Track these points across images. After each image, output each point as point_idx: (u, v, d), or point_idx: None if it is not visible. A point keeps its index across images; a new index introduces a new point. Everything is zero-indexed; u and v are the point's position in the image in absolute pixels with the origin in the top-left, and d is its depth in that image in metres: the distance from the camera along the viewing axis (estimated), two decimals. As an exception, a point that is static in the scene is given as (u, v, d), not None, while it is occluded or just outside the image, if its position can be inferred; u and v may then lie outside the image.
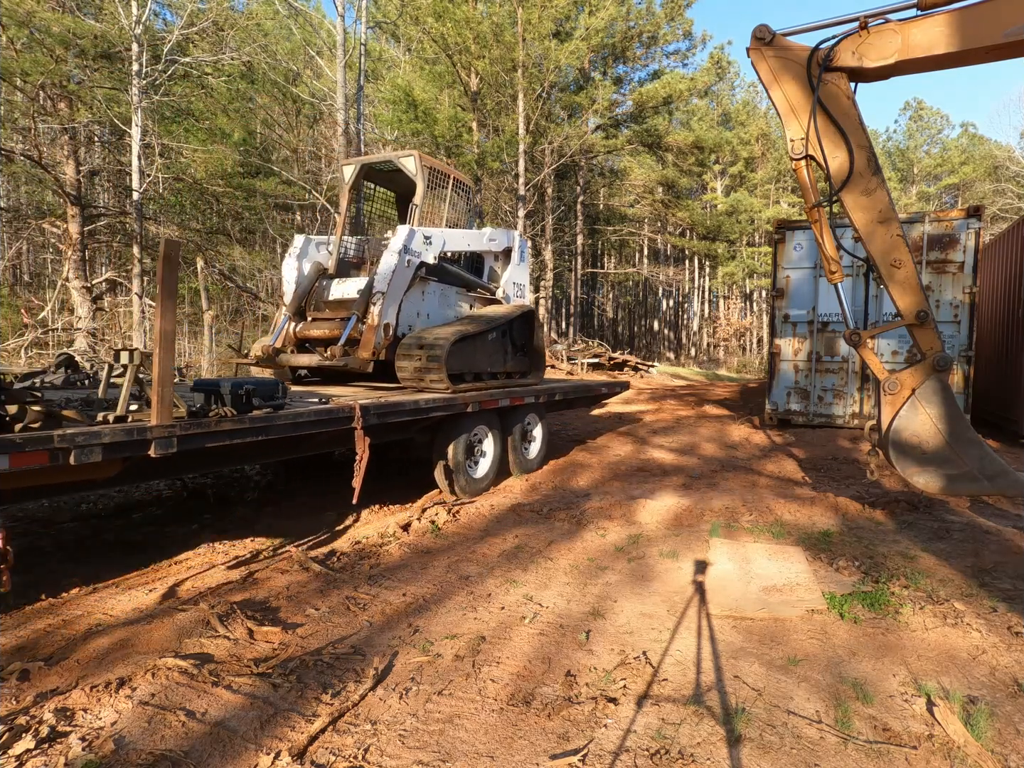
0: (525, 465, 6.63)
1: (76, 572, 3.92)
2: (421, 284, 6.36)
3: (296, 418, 3.88)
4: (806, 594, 3.70)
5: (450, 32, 17.89)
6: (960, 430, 4.36)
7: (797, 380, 9.81)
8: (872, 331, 4.84)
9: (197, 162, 17.71)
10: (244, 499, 5.76)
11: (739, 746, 2.34)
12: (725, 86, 39.19)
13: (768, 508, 5.53)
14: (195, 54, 16.30)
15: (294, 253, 6.48)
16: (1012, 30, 3.87)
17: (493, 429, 6.10)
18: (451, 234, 6.71)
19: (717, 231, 32.12)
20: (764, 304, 37.85)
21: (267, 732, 2.36)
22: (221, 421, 3.44)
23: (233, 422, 3.49)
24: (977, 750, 2.30)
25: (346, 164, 7.05)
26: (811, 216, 4.66)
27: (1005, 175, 35.73)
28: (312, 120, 23.04)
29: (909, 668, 2.92)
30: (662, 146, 24.93)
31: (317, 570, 3.98)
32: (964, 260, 8.80)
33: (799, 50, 4.48)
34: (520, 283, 8.05)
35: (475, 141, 20.40)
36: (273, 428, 3.73)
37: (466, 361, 6.02)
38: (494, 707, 2.56)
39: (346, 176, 6.96)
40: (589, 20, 19.84)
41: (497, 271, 7.83)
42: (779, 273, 9.87)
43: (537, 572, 4.10)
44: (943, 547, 4.58)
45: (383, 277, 5.81)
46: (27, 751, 2.19)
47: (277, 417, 3.75)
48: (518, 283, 8.00)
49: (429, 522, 5.01)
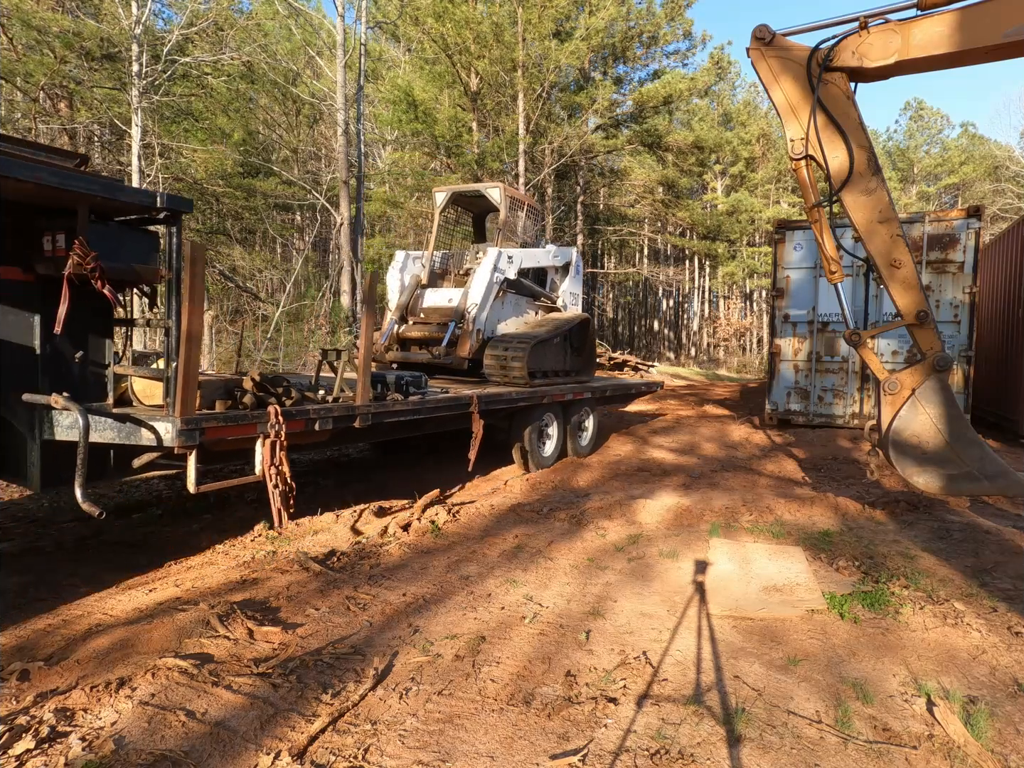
0: (579, 450, 7.64)
1: (76, 572, 3.92)
2: (502, 295, 7.48)
3: (438, 403, 5.20)
4: (806, 594, 3.70)
5: (450, 32, 17.88)
6: (960, 430, 4.36)
7: (797, 380, 9.81)
8: (872, 331, 4.84)
9: (197, 162, 17.71)
10: (244, 499, 5.76)
11: (739, 746, 2.34)
12: (726, 86, 39.13)
13: (768, 508, 5.53)
14: (195, 54, 16.30)
15: (396, 267, 7.73)
16: (1012, 30, 3.87)
17: (557, 418, 7.18)
18: (527, 253, 7.91)
19: (717, 231, 32.09)
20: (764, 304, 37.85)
21: (267, 732, 2.36)
22: (395, 403, 4.80)
23: (402, 404, 4.84)
24: (977, 750, 2.30)
25: (438, 191, 8.26)
26: (811, 216, 4.66)
27: (1005, 175, 35.72)
28: (312, 120, 23.06)
29: (909, 668, 2.92)
30: (662, 146, 24.90)
31: (317, 570, 3.98)
32: (964, 260, 8.80)
33: (799, 50, 4.47)
34: (575, 293, 9.13)
35: (475, 141, 20.39)
36: (423, 409, 5.04)
37: (539, 361, 7.06)
38: (494, 707, 2.56)
39: (438, 201, 8.16)
40: (589, 20, 19.82)
41: (557, 283, 8.94)
42: (779, 273, 9.87)
43: (537, 572, 4.10)
44: (943, 547, 4.58)
45: (477, 291, 7.02)
46: (27, 751, 2.19)
47: (426, 401, 5.07)
48: (574, 293, 9.09)
49: (429, 522, 5.01)
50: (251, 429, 3.68)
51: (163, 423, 3.29)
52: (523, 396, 6.31)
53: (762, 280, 33.91)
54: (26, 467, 3.42)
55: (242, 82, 19.18)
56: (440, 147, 21.02)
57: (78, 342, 3.55)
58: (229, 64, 17.19)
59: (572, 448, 7.49)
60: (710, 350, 36.36)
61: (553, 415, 7.07)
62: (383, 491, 6.03)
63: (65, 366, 3.51)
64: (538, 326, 7.64)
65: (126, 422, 3.35)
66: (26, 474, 3.44)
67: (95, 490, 5.69)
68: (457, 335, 6.98)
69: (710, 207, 35.27)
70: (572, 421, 7.45)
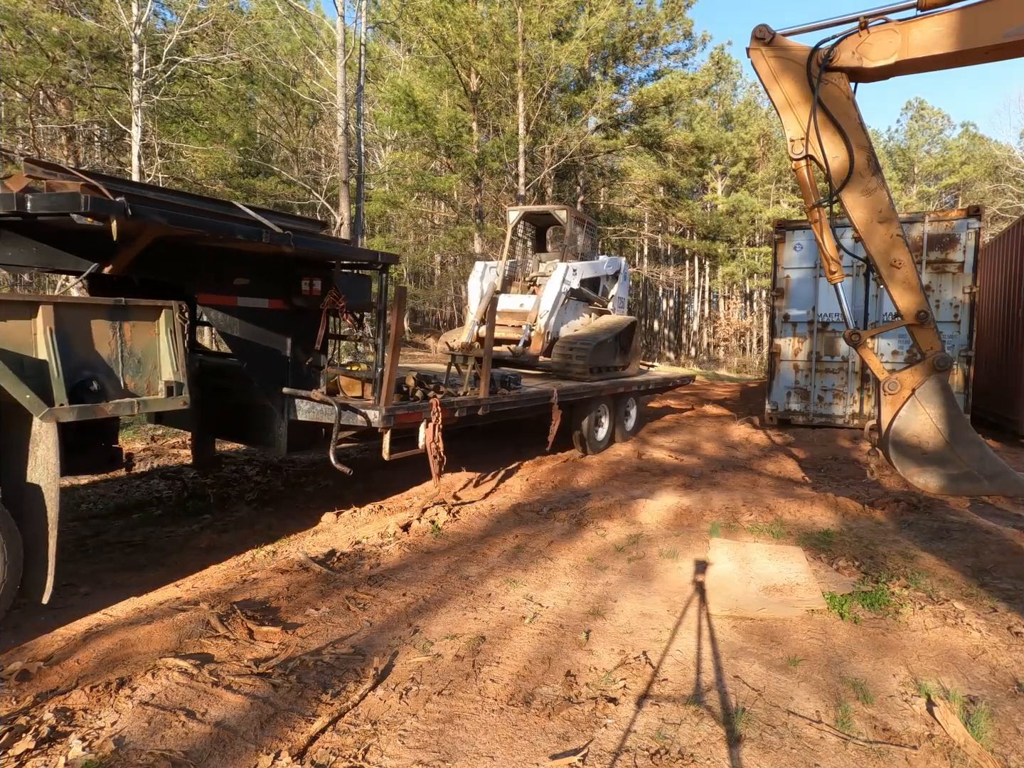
0: (625, 435, 8.72)
1: (76, 572, 3.91)
2: (566, 302, 8.66)
3: (530, 396, 6.31)
4: (806, 594, 3.70)
5: (450, 32, 17.86)
6: (960, 430, 4.36)
7: (797, 380, 9.81)
8: (872, 331, 4.84)
9: (197, 162, 17.71)
10: (244, 499, 5.76)
11: (739, 746, 2.34)
12: (727, 86, 39.12)
13: (768, 508, 5.53)
14: (195, 54, 16.29)
15: (476, 276, 9.02)
16: (1012, 30, 3.87)
17: (609, 408, 8.15)
18: (587, 265, 9.24)
19: (717, 231, 32.07)
20: (764, 304, 37.82)
21: (267, 732, 2.36)
22: (504, 396, 5.89)
23: (508, 397, 5.95)
24: (977, 750, 2.30)
25: (512, 210, 9.78)
26: (811, 216, 4.66)
27: (1005, 175, 35.70)
28: (312, 120, 23.05)
29: (909, 668, 2.92)
30: (662, 146, 24.87)
31: (317, 570, 3.98)
32: (964, 260, 8.80)
33: (799, 50, 4.48)
34: (622, 298, 10.42)
35: (475, 141, 20.38)
36: (520, 400, 6.14)
37: (596, 358, 8.07)
38: (494, 707, 2.56)
39: (511, 219, 9.51)
40: (589, 20, 19.80)
41: (608, 288, 10.11)
42: (779, 273, 9.87)
43: (537, 572, 4.10)
44: (943, 547, 4.58)
45: (548, 299, 8.29)
46: (27, 751, 2.18)
47: (524, 394, 6.23)
48: (621, 298, 10.35)
49: (429, 522, 5.01)
50: (419, 415, 4.91)
51: (372, 411, 4.53)
52: (587, 389, 7.37)
53: (762, 280, 33.89)
54: (276, 438, 4.76)
55: (242, 82, 19.17)
56: (440, 147, 21.00)
57: (307, 351, 4.80)
58: (229, 64, 17.18)
59: (620, 434, 8.53)
60: (710, 350, 36.34)
61: (606, 406, 8.08)
62: (383, 491, 6.03)
63: (299, 368, 4.75)
64: (596, 328, 8.80)
65: (347, 410, 4.50)
66: (276, 443, 4.80)
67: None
68: (531, 336, 8.22)
69: (710, 207, 35.26)
70: (619, 411, 8.48)
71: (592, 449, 7.74)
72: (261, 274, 4.46)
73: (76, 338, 3.11)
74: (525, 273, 9.40)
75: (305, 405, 4.61)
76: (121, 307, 3.33)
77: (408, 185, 21.60)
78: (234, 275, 4.31)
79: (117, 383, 3.29)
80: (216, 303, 4.21)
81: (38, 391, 2.89)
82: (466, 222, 22.95)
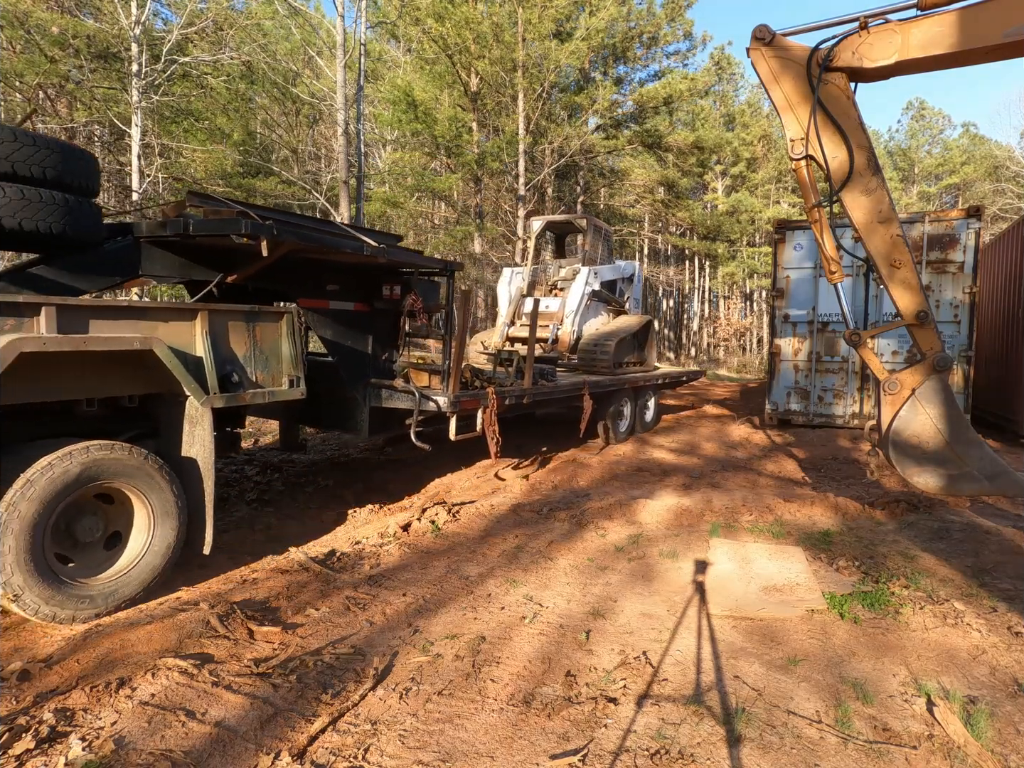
0: (645, 426, 9.35)
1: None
2: (588, 303, 9.43)
3: (565, 387, 6.98)
4: (806, 594, 3.70)
5: (450, 32, 17.85)
6: (960, 430, 4.36)
7: (797, 380, 9.81)
8: (872, 331, 4.84)
9: (197, 162, 17.69)
10: (244, 499, 5.76)
11: (739, 746, 2.34)
12: (729, 87, 39.10)
13: (768, 508, 5.53)
14: (195, 54, 16.28)
15: (505, 281, 9.98)
16: (1012, 30, 3.86)
17: (630, 400, 8.72)
18: (606, 268, 10.17)
19: (717, 231, 32.04)
20: (764, 304, 37.81)
21: (267, 732, 2.36)
22: (544, 387, 6.61)
23: (548, 388, 6.67)
24: (977, 750, 2.30)
25: (536, 219, 10.57)
26: (811, 216, 4.65)
27: (1005, 175, 35.67)
28: (312, 120, 23.04)
29: (909, 668, 2.92)
30: (663, 146, 24.85)
31: (317, 570, 3.98)
32: (964, 260, 8.79)
33: (799, 50, 4.47)
34: (637, 298, 11.22)
35: (475, 141, 20.37)
36: (556, 391, 6.81)
37: (617, 355, 8.70)
38: (494, 707, 2.56)
39: (535, 228, 10.37)
40: (589, 20, 19.78)
41: (624, 290, 10.89)
42: (779, 273, 9.87)
43: (537, 572, 4.10)
44: (943, 547, 4.58)
45: (573, 301, 9.14)
46: (27, 751, 2.18)
47: (559, 386, 6.91)
48: (636, 299, 11.16)
49: (429, 522, 5.01)
50: (477, 402, 5.50)
51: (442, 397, 5.12)
52: (613, 382, 8.08)
53: (762, 280, 33.89)
54: (359, 423, 5.39)
55: (242, 82, 19.15)
56: (440, 147, 20.99)
57: (384, 347, 5.49)
58: (229, 64, 17.17)
59: (640, 425, 9.15)
60: (710, 350, 36.32)
61: (627, 398, 8.64)
62: (383, 491, 6.04)
63: (379, 362, 5.44)
64: (616, 327, 9.40)
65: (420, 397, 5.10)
66: (359, 428, 5.42)
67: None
68: (557, 335, 9.11)
69: (710, 207, 35.24)
70: (639, 403, 9.07)
71: (616, 439, 8.38)
72: (348, 281, 5.15)
73: (222, 338, 3.78)
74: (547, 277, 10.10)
75: (385, 393, 5.23)
76: (255, 312, 3.98)
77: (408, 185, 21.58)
78: (327, 282, 4.99)
79: (250, 376, 3.96)
80: (312, 306, 4.85)
81: (199, 382, 3.56)
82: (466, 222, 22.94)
